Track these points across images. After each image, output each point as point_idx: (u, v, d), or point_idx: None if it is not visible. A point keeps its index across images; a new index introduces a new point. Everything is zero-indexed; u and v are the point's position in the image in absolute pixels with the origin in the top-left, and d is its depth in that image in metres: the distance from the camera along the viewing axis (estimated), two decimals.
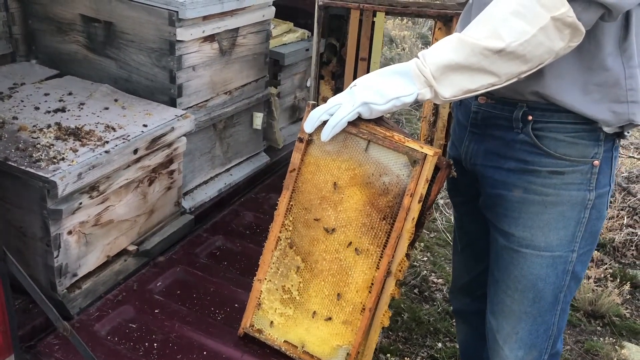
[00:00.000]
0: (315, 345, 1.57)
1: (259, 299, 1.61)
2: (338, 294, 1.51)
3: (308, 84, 2.85)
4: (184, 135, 2.01)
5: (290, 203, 1.52)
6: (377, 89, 1.27)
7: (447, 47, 1.23)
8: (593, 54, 1.28)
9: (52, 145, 1.71)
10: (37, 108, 1.92)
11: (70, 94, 2.04)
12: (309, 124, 1.36)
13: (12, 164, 1.61)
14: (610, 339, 2.75)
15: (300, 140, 1.45)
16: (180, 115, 1.99)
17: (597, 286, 3.04)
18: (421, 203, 1.41)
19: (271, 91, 2.61)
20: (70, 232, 1.69)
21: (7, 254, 1.40)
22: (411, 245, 1.46)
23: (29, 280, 1.42)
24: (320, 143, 1.41)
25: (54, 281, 1.69)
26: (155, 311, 1.78)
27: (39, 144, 1.71)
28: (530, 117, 1.36)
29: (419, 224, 1.46)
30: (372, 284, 1.47)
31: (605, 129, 1.35)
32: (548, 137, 1.36)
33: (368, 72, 2.42)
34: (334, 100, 1.33)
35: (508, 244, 1.47)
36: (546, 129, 1.36)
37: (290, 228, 1.53)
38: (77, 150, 1.70)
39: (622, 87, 1.29)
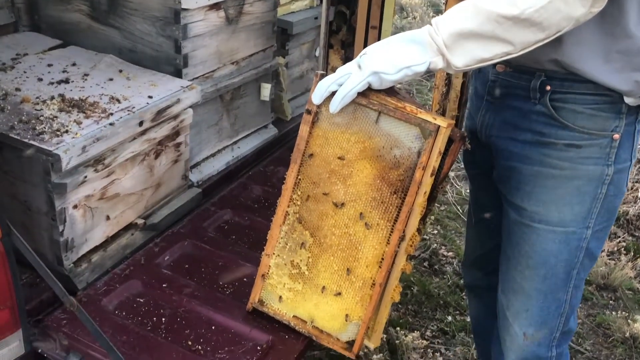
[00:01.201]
0: (325, 321, 1.55)
1: (267, 273, 1.58)
2: (348, 269, 1.48)
3: (317, 53, 2.78)
4: (190, 106, 1.96)
5: (298, 177, 1.48)
6: (387, 58, 1.22)
7: (461, 14, 1.18)
8: (616, 19, 1.21)
9: (56, 117, 1.68)
10: (40, 79, 1.87)
11: (74, 64, 2.00)
12: (317, 94, 1.32)
13: (15, 136, 1.58)
14: (623, 312, 2.72)
15: (308, 112, 1.40)
16: (186, 86, 1.94)
17: (609, 259, 3.01)
18: (433, 176, 1.36)
19: (279, 61, 2.55)
20: (75, 206, 1.66)
21: (12, 229, 1.38)
22: (423, 219, 1.42)
23: (35, 255, 1.40)
24: (328, 115, 1.36)
25: (60, 256, 1.67)
26: (163, 285, 1.76)
27: (43, 116, 1.67)
28: (548, 87, 1.31)
29: (431, 198, 1.42)
30: (383, 259, 1.44)
31: (627, 100, 1.29)
32: (566, 108, 1.31)
33: (379, 40, 2.36)
34: (343, 70, 1.28)
35: (520, 218, 1.42)
36: (564, 99, 1.31)
37: (299, 202, 1.50)
38: (81, 123, 1.66)
39: None
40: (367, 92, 1.31)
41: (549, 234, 1.39)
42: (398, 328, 2.44)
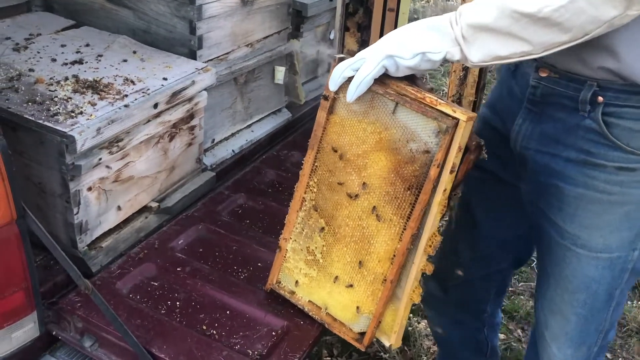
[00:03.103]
0: (338, 310, 1.54)
1: (285, 257, 1.57)
2: (360, 262, 1.45)
3: (331, 36, 2.74)
4: (205, 89, 1.94)
5: (315, 164, 1.44)
6: (403, 42, 1.16)
7: (481, 5, 1.10)
8: None
9: (70, 98, 1.66)
10: (54, 60, 1.85)
11: (87, 45, 1.97)
12: (333, 81, 1.25)
13: (30, 117, 1.56)
14: (638, 302, 2.69)
15: (325, 97, 1.35)
16: (201, 68, 1.91)
17: None
18: (454, 174, 1.27)
19: (293, 44, 2.51)
20: (90, 189, 1.65)
21: (27, 211, 1.37)
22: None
23: (49, 237, 1.40)
24: (346, 101, 1.29)
25: (74, 238, 1.66)
26: (177, 269, 1.75)
27: (57, 97, 1.65)
28: (600, 99, 1.16)
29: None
30: (394, 255, 1.39)
31: None
32: (620, 125, 1.16)
33: (396, 23, 2.31)
34: (359, 54, 1.22)
35: (561, 240, 1.31)
36: (619, 115, 1.16)
37: (315, 190, 1.47)
38: (95, 104, 1.64)
39: None
40: (387, 80, 1.25)
41: (591, 260, 1.28)
42: (411, 315, 2.43)
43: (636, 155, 1.17)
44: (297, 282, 1.58)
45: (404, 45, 1.16)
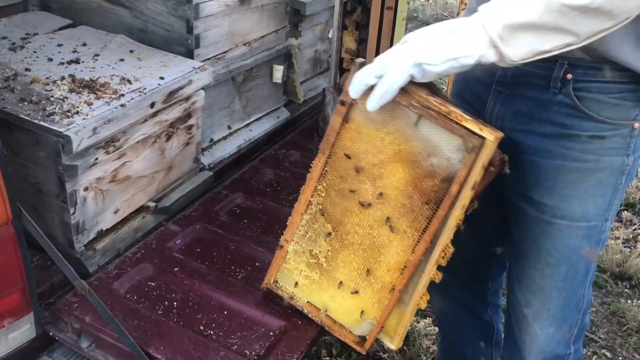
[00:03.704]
0: (339, 313, 1.52)
1: (285, 258, 1.55)
2: (368, 270, 1.43)
3: (330, 35, 2.73)
4: (202, 88, 1.93)
5: (325, 168, 1.38)
6: (432, 47, 1.10)
7: (518, 3, 1.07)
8: None
9: (66, 98, 1.65)
10: (50, 59, 1.85)
11: (84, 44, 1.96)
12: (355, 88, 1.17)
13: (26, 117, 1.55)
14: (638, 301, 2.68)
15: (342, 103, 1.28)
16: (198, 68, 1.90)
17: (625, 247, 2.96)
18: (474, 190, 1.25)
19: (292, 42, 2.50)
20: (86, 189, 1.64)
21: (23, 211, 1.36)
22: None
23: (45, 238, 1.39)
24: (364, 108, 1.22)
25: (71, 238, 1.66)
26: (175, 269, 1.74)
27: (53, 96, 1.65)
28: (570, 76, 1.23)
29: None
30: (405, 266, 1.37)
31: None
32: (589, 98, 1.24)
33: (394, 22, 2.30)
34: (382, 60, 1.14)
35: (540, 214, 1.35)
36: (588, 89, 1.23)
37: (323, 194, 1.42)
38: (91, 104, 1.63)
39: None
40: (409, 88, 1.18)
41: (571, 230, 1.34)
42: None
43: (606, 123, 1.25)
44: (296, 283, 1.56)
45: (433, 51, 1.10)
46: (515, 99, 1.33)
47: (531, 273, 1.43)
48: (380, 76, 1.13)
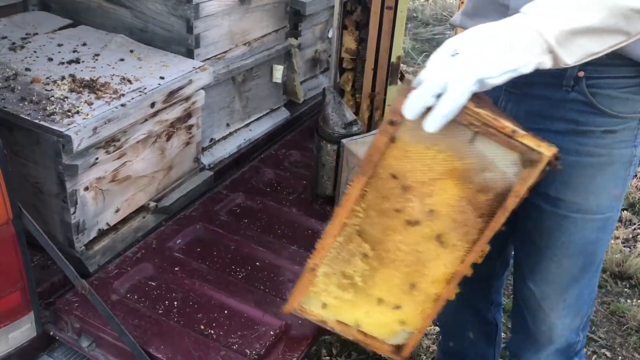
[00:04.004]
0: (374, 327, 1.47)
1: (312, 281, 1.44)
2: (411, 284, 1.38)
3: (330, 34, 2.73)
4: (202, 88, 1.93)
5: (365, 189, 1.30)
6: (490, 59, 1.03)
7: (574, 6, 1.03)
8: None
9: (67, 97, 1.65)
10: (50, 59, 1.85)
11: (84, 44, 1.97)
12: (412, 109, 1.06)
13: (26, 117, 1.55)
14: (638, 300, 2.68)
15: (392, 123, 1.18)
16: (198, 67, 1.90)
17: (625, 247, 2.96)
18: (523, 198, 1.24)
19: (292, 42, 2.50)
20: (86, 188, 1.64)
21: (23, 211, 1.36)
22: None
23: (46, 237, 1.39)
24: (413, 126, 1.13)
25: (71, 238, 1.66)
26: (175, 269, 1.74)
27: (53, 96, 1.65)
28: (582, 74, 1.24)
29: None
30: (453, 277, 1.34)
31: None
32: (601, 94, 1.26)
33: (394, 21, 2.30)
34: (438, 78, 1.03)
35: (555, 209, 1.37)
36: (599, 85, 1.25)
37: (362, 215, 1.34)
38: (92, 104, 1.64)
39: None
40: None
41: (587, 222, 1.36)
42: None
43: (618, 118, 1.28)
44: (324, 304, 1.48)
45: (491, 63, 1.03)
46: (528, 99, 1.34)
47: (547, 266, 1.45)
48: (439, 95, 1.04)
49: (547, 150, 1.15)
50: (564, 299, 1.47)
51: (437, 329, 2.34)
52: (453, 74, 1.01)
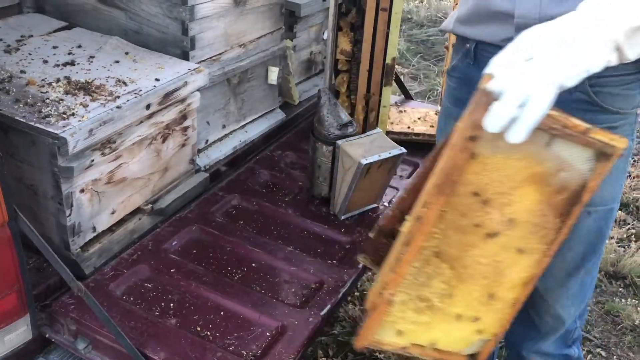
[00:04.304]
0: (450, 343, 1.41)
1: (387, 312, 1.34)
2: (490, 295, 1.33)
3: (325, 36, 2.74)
4: (198, 90, 1.93)
5: (444, 209, 1.24)
6: (565, 63, 1.00)
7: (636, 2, 1.02)
8: None
9: (62, 100, 1.65)
10: (45, 61, 1.85)
11: (79, 46, 1.97)
12: (498, 122, 1.02)
13: (21, 119, 1.55)
14: (633, 300, 2.70)
15: (473, 138, 1.12)
16: (194, 69, 1.91)
17: (619, 246, 2.98)
18: None
19: (287, 44, 2.51)
20: (82, 190, 1.64)
21: (19, 213, 1.36)
22: None
23: (41, 239, 1.39)
24: (491, 137, 1.10)
25: (67, 240, 1.66)
26: (171, 271, 1.75)
27: (48, 98, 1.65)
28: None
29: None
30: (531, 279, 1.31)
31: None
32: (603, 92, 1.28)
33: (389, 23, 2.31)
34: (521, 88, 1.01)
35: None
36: (600, 84, 1.28)
37: (439, 236, 1.27)
38: (87, 106, 1.64)
39: None
40: None
41: (590, 214, 1.40)
42: None
43: (619, 114, 1.31)
44: (399, 331, 1.38)
45: (568, 68, 1.02)
46: None
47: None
48: (523, 105, 1.01)
49: (620, 143, 1.15)
50: (567, 289, 1.49)
51: None
52: (535, 82, 0.99)
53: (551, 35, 1.02)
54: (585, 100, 1.29)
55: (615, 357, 2.46)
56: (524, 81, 0.99)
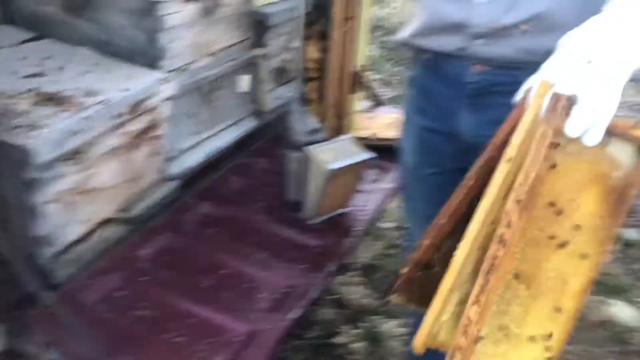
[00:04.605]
0: None
1: (474, 351, 1.22)
2: (558, 309, 1.25)
3: (295, 44, 2.78)
4: (168, 99, 1.95)
5: (525, 226, 1.19)
6: (623, 64, 1.03)
7: None
8: None
9: (31, 111, 1.66)
10: (14, 73, 1.85)
11: (48, 57, 1.97)
12: (579, 127, 1.05)
13: None
14: (597, 296, 2.77)
15: (555, 145, 1.09)
16: (163, 79, 1.93)
17: None
18: None
19: (257, 53, 2.54)
20: (52, 201, 1.65)
21: None
22: None
23: (11, 250, 1.40)
24: (564, 143, 1.10)
25: (37, 251, 1.66)
26: (143, 279, 1.76)
27: (17, 110, 1.65)
28: None
29: None
30: (589, 284, 1.24)
31: None
32: None
33: (357, 32, 2.36)
34: (592, 90, 1.03)
35: None
36: None
37: (519, 256, 1.20)
38: (56, 116, 1.65)
39: None
40: None
41: None
42: (379, 316, 2.47)
43: None
44: None
45: (626, 68, 1.03)
46: (489, 108, 1.36)
47: None
48: (595, 107, 1.04)
49: None
50: None
51: (405, 330, 2.39)
52: (605, 84, 1.02)
53: (605, 33, 1.04)
54: None
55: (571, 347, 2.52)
56: (596, 84, 1.02)
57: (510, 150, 1.14)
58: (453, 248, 1.21)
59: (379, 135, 2.64)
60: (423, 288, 1.24)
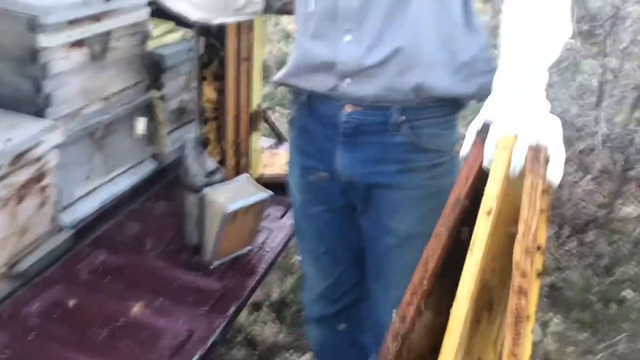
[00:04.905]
0: None
1: None
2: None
3: (194, 85, 2.79)
4: (55, 147, 1.90)
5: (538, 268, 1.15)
6: (541, 125, 1.11)
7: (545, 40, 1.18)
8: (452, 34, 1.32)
9: None
10: None
11: None
12: (559, 173, 1.11)
13: None
14: None
15: (545, 192, 1.09)
16: (49, 127, 1.88)
17: None
18: None
19: (154, 95, 2.53)
20: None
21: None
22: None
23: None
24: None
25: None
26: (32, 335, 1.68)
27: None
28: (403, 118, 1.37)
29: None
30: None
31: (466, 103, 1.41)
32: (422, 133, 1.39)
33: (250, 73, 2.40)
34: (557, 139, 1.10)
35: (397, 239, 1.47)
36: (419, 126, 1.38)
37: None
38: None
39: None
40: None
41: (422, 245, 1.45)
42: (292, 351, 2.47)
43: (440, 152, 1.41)
44: None
45: (542, 120, 1.11)
46: (362, 146, 1.42)
47: (396, 293, 1.39)
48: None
49: None
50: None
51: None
52: (557, 136, 1.10)
53: (513, 99, 1.12)
54: (407, 142, 1.39)
55: None
56: (554, 131, 1.09)
57: (489, 203, 1.10)
58: (438, 294, 1.20)
59: (282, 172, 2.67)
60: (420, 352, 1.22)
